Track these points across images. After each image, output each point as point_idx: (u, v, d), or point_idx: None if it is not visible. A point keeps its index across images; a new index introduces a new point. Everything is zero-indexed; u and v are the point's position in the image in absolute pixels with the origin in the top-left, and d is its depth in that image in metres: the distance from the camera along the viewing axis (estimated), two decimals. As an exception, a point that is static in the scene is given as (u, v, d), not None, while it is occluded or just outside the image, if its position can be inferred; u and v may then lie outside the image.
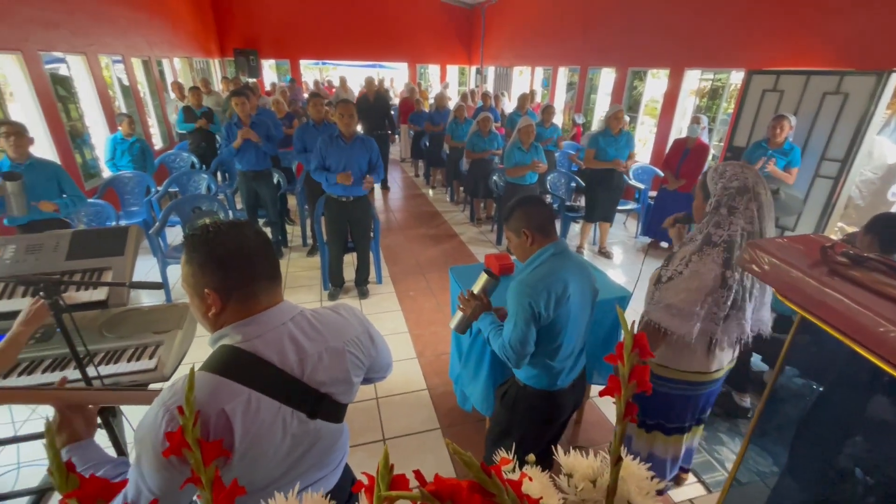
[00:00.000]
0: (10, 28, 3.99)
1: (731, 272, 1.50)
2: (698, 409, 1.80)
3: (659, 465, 1.85)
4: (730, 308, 1.51)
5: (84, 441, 0.96)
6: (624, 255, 5.12)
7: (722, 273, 1.50)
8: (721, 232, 1.51)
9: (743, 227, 1.49)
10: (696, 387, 1.70)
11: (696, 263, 1.53)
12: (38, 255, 1.66)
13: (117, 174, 4.79)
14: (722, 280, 1.50)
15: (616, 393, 0.69)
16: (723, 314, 1.51)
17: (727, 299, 1.50)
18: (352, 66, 13.62)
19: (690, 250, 1.56)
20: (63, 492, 0.55)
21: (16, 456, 2.10)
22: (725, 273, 1.50)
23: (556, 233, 1.58)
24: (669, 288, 1.57)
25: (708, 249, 1.52)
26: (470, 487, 0.53)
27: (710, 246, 1.52)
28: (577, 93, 8.11)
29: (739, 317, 1.53)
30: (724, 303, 1.50)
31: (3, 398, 1.01)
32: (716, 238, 1.52)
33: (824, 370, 1.35)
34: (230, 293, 0.87)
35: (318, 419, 0.95)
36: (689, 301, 1.52)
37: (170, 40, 7.88)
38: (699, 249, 1.54)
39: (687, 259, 1.55)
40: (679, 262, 1.58)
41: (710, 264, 1.51)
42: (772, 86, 4.52)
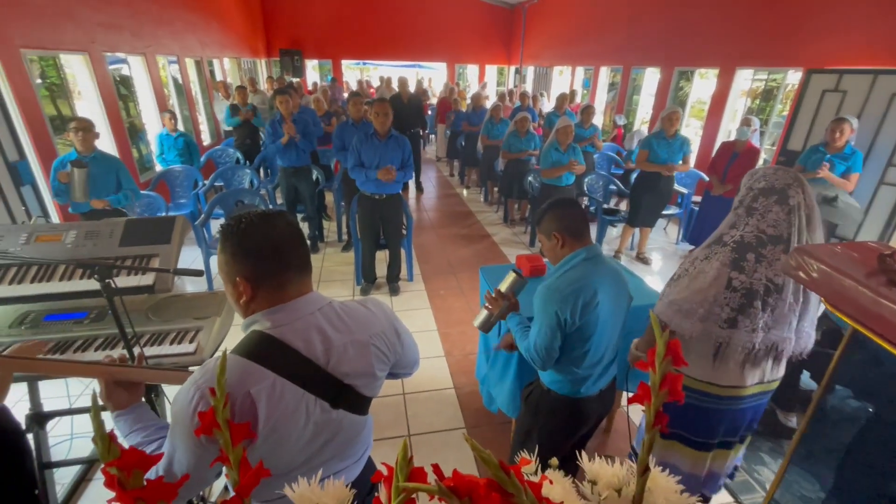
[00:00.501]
0: (78, 30, 4.31)
1: (739, 274, 1.42)
2: (721, 426, 1.64)
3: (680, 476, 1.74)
4: (737, 313, 1.43)
5: (129, 407, 1.03)
6: (663, 261, 4.93)
7: (728, 274, 1.42)
8: (734, 232, 1.44)
9: (762, 229, 1.40)
10: (714, 400, 1.58)
11: (703, 262, 1.48)
12: (95, 240, 1.78)
13: (168, 168, 5.08)
14: (727, 281, 1.42)
15: (646, 401, 0.67)
16: (725, 317, 1.43)
17: (732, 302, 1.42)
18: (392, 66, 13.82)
19: (699, 250, 1.52)
20: (105, 460, 0.58)
21: (70, 427, 2.26)
22: (731, 274, 1.42)
23: (589, 237, 1.53)
24: (676, 285, 1.53)
25: (716, 248, 1.46)
26: (488, 485, 0.53)
27: (719, 245, 1.46)
28: (618, 93, 7.88)
29: (748, 325, 1.43)
30: (727, 305, 1.43)
31: (58, 370, 1.09)
32: (727, 238, 1.45)
33: (878, 389, 1.25)
34: (260, 282, 0.90)
35: (341, 409, 0.96)
36: (690, 298, 1.47)
37: (220, 41, 8.27)
38: (708, 248, 1.49)
39: (695, 258, 1.51)
40: (690, 261, 1.53)
41: (715, 263, 1.45)
42: (833, 86, 4.23)
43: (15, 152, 3.46)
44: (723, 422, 1.61)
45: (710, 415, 1.61)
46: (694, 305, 1.46)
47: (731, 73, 5.42)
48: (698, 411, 1.61)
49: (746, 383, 1.54)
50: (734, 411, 1.59)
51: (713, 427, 1.63)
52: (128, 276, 1.72)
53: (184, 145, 5.23)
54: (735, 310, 1.43)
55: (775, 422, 2.51)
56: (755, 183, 1.45)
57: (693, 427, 1.65)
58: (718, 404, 1.58)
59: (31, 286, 1.67)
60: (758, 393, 1.59)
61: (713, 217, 4.57)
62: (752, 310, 1.42)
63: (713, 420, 1.61)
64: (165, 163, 5.22)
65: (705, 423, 1.63)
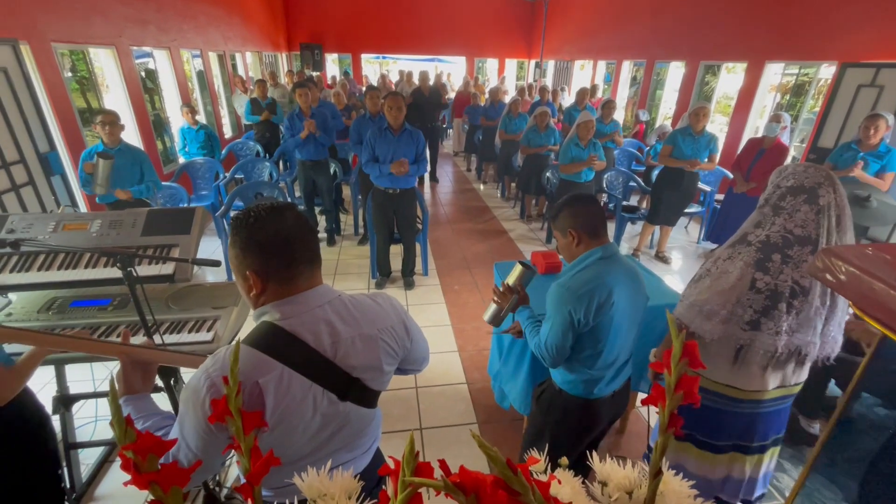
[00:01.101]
0: (107, 25, 4.42)
1: (763, 275, 1.37)
2: (738, 430, 1.61)
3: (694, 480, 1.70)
4: (760, 315, 1.38)
5: (138, 394, 1.05)
6: (683, 260, 4.82)
7: (752, 274, 1.38)
8: (759, 231, 1.39)
9: (789, 229, 1.35)
10: (733, 403, 1.54)
11: (726, 262, 1.44)
12: (118, 229, 1.83)
13: (191, 160, 5.19)
14: (751, 282, 1.38)
15: (660, 402, 0.65)
16: (748, 319, 1.39)
17: (755, 304, 1.38)
18: (411, 61, 13.81)
19: (723, 249, 1.47)
20: (121, 444, 0.60)
21: (94, 410, 2.34)
22: (755, 275, 1.37)
23: (606, 235, 1.49)
24: (697, 286, 1.49)
25: (740, 248, 1.42)
26: (495, 483, 0.52)
27: (744, 245, 1.41)
28: (640, 88, 7.71)
29: (771, 327, 1.39)
30: (750, 306, 1.38)
31: (76, 346, 1.12)
32: (751, 237, 1.40)
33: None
34: (270, 275, 0.90)
35: (349, 402, 0.97)
36: (711, 300, 1.43)
37: (243, 35, 8.38)
38: (731, 248, 1.44)
39: (719, 257, 1.47)
40: (713, 260, 1.49)
41: (739, 263, 1.40)
42: (869, 80, 4.05)
43: (46, 143, 3.58)
44: (741, 425, 1.57)
45: (729, 417, 1.57)
46: (716, 307, 1.42)
47: (760, 68, 5.24)
48: (717, 414, 1.58)
49: (768, 387, 1.50)
50: (753, 415, 1.55)
51: (730, 430, 1.59)
52: (149, 265, 1.77)
53: (205, 138, 5.34)
54: (758, 312, 1.39)
55: (798, 429, 2.44)
56: (783, 181, 1.40)
57: (710, 430, 1.61)
58: (737, 407, 1.54)
59: (58, 273, 1.72)
60: (779, 397, 1.54)
61: (735, 215, 4.44)
62: (776, 312, 1.37)
63: (731, 423, 1.57)
64: (188, 155, 5.33)
65: (723, 425, 1.59)
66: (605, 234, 1.48)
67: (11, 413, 1.36)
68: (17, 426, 1.42)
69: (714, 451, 1.64)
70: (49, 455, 1.55)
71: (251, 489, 0.65)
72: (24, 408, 1.45)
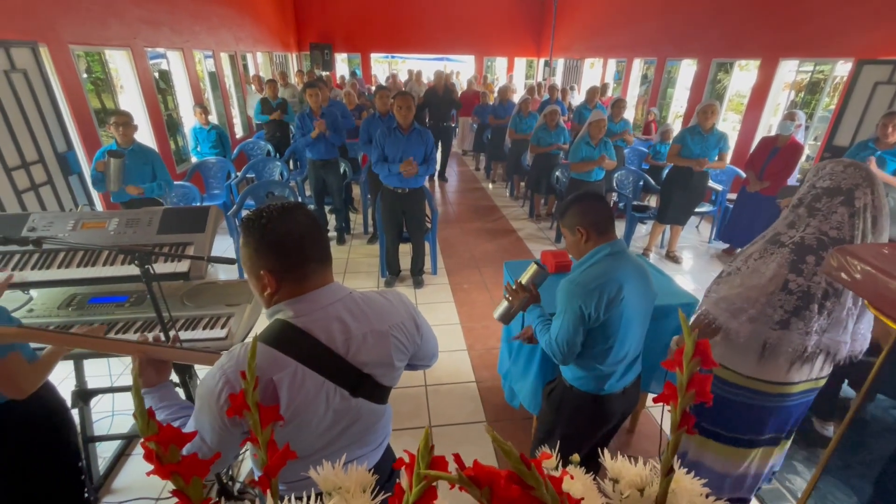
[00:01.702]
0: (122, 26, 4.50)
1: (797, 277, 1.36)
2: (764, 424, 1.61)
3: (710, 477, 1.71)
4: (791, 315, 1.38)
5: (155, 387, 1.08)
6: (694, 260, 4.78)
7: (784, 276, 1.37)
8: (792, 233, 1.37)
9: (824, 231, 1.34)
10: (758, 396, 1.54)
11: (757, 262, 1.43)
12: (135, 228, 1.87)
13: (203, 160, 5.26)
14: (783, 283, 1.37)
15: (672, 401, 0.65)
16: (778, 318, 1.39)
17: (786, 304, 1.38)
18: (420, 60, 13.82)
19: (755, 248, 1.46)
20: (144, 435, 0.61)
21: (111, 404, 2.39)
22: (788, 276, 1.37)
23: (614, 232, 1.50)
24: (726, 282, 1.48)
25: (772, 249, 1.40)
26: (509, 477, 0.53)
27: (776, 245, 1.40)
28: (651, 86, 7.64)
29: (801, 328, 1.38)
30: (780, 307, 1.38)
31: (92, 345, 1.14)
32: (784, 238, 1.39)
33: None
34: (284, 274, 0.92)
35: (360, 398, 0.98)
36: (741, 297, 1.42)
37: (254, 36, 8.46)
38: (763, 248, 1.43)
39: (750, 256, 1.46)
40: (743, 259, 1.48)
41: (772, 265, 1.39)
42: (886, 77, 3.98)
43: (64, 143, 3.66)
44: (771, 418, 1.58)
45: (755, 412, 1.57)
46: (745, 305, 1.42)
47: (774, 65, 5.16)
48: (742, 408, 1.58)
49: (795, 380, 1.50)
50: (782, 408, 1.56)
51: (761, 424, 1.59)
52: (165, 263, 1.80)
53: (216, 138, 5.40)
54: (789, 312, 1.38)
55: (811, 430, 2.41)
56: (819, 181, 1.37)
57: (734, 425, 1.62)
58: (765, 401, 1.54)
59: (77, 270, 1.77)
60: (806, 390, 1.55)
61: (748, 215, 4.39)
62: (808, 313, 1.37)
63: (761, 416, 1.58)
64: (200, 155, 5.40)
65: (753, 419, 1.59)
66: (612, 231, 1.49)
67: (34, 406, 1.40)
68: (40, 419, 1.46)
69: (747, 447, 1.64)
70: (70, 447, 1.59)
71: (268, 481, 0.67)
72: (47, 401, 1.49)
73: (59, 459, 1.55)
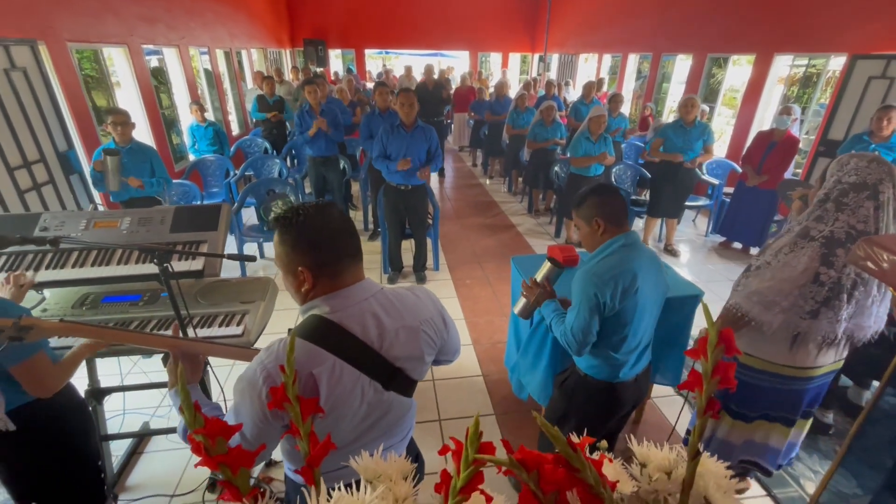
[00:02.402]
0: (119, 24, 4.45)
1: (828, 269, 1.43)
2: (797, 405, 1.70)
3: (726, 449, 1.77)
4: (821, 305, 1.45)
5: (188, 385, 1.09)
6: (691, 253, 4.85)
7: (816, 269, 1.43)
8: (822, 227, 1.43)
9: (852, 225, 1.40)
10: (784, 380, 1.63)
11: (788, 255, 1.48)
12: (148, 227, 1.88)
13: (201, 158, 5.23)
14: (814, 276, 1.44)
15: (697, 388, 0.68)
16: (809, 309, 1.46)
17: (817, 295, 1.45)
18: (414, 56, 13.76)
19: (784, 242, 1.51)
20: (192, 428, 0.64)
21: (122, 403, 2.40)
22: (819, 269, 1.43)
23: (627, 224, 1.54)
24: (757, 276, 1.54)
25: (802, 243, 1.46)
26: (556, 460, 0.56)
27: (806, 240, 1.46)
28: (646, 81, 7.69)
29: (830, 316, 1.46)
30: (812, 298, 1.45)
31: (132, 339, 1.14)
32: (814, 233, 1.44)
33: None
34: (320, 270, 0.95)
35: (392, 391, 1.01)
36: (773, 290, 1.48)
37: (248, 32, 8.39)
38: (793, 242, 1.48)
39: (780, 250, 1.51)
40: (772, 252, 1.53)
41: (803, 258, 1.45)
42: (880, 72, 4.05)
43: (64, 142, 3.63)
44: (791, 400, 1.68)
45: (788, 394, 1.66)
46: (778, 297, 1.48)
47: (769, 60, 5.22)
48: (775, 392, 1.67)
49: (820, 364, 1.59)
50: (803, 390, 1.66)
51: (794, 405, 1.68)
52: (179, 261, 1.81)
53: (214, 135, 5.37)
54: (819, 302, 1.45)
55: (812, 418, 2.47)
56: (846, 176, 1.43)
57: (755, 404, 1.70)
58: (791, 385, 1.63)
59: (92, 269, 1.77)
60: (829, 372, 1.65)
61: (746, 208, 4.46)
62: (837, 302, 1.44)
63: (792, 398, 1.67)
64: (198, 153, 5.37)
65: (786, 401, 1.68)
66: (626, 223, 1.53)
67: (58, 405, 1.42)
68: (63, 417, 1.47)
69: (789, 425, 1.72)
70: (91, 445, 1.61)
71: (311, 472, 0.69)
72: (68, 400, 1.50)
73: (82, 457, 1.57)
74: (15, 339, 0.96)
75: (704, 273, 4.30)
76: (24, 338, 0.97)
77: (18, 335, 0.96)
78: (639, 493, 0.77)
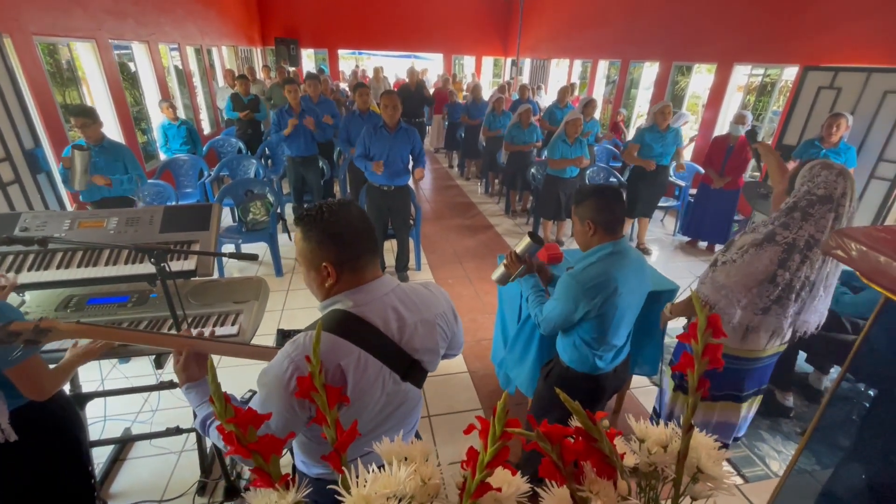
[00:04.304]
0: (86, 17, 4.28)
1: (784, 272, 1.58)
2: (743, 383, 1.89)
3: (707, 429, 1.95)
4: (772, 303, 1.62)
5: (197, 381, 1.10)
6: (660, 251, 5.09)
7: (774, 270, 1.59)
8: (787, 234, 1.58)
9: (812, 234, 1.56)
10: (737, 361, 1.82)
11: (752, 256, 1.62)
12: (136, 227, 1.85)
13: (173, 157, 5.08)
14: (772, 276, 1.59)
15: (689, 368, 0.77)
16: (762, 306, 1.63)
17: (771, 294, 1.61)
18: (387, 57, 13.74)
19: (750, 241, 1.64)
20: (222, 419, 0.67)
21: (103, 409, 2.33)
22: (777, 271, 1.58)
23: (621, 232, 1.61)
24: (723, 271, 1.68)
25: (767, 246, 1.60)
26: (576, 431, 0.64)
27: (771, 244, 1.60)
28: (616, 87, 7.98)
29: (779, 313, 1.64)
30: (766, 296, 1.62)
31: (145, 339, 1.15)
32: (779, 238, 1.59)
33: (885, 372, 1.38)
34: (343, 266, 0.99)
35: (408, 382, 1.07)
36: (738, 286, 1.63)
37: (219, 29, 8.18)
38: (759, 244, 1.61)
39: (745, 249, 1.64)
40: (737, 250, 1.67)
41: (765, 260, 1.59)
42: (828, 83, 4.38)
43: (31, 140, 3.47)
44: (749, 378, 1.88)
45: (732, 374, 1.86)
46: (739, 295, 1.64)
47: (729, 69, 5.55)
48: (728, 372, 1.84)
49: (766, 348, 1.79)
50: (752, 370, 1.86)
51: (741, 382, 1.89)
52: (172, 261, 1.79)
53: (186, 133, 5.23)
54: (772, 300, 1.62)
55: (773, 401, 2.67)
56: (816, 188, 1.55)
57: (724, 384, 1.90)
58: (741, 364, 1.83)
59: (79, 270, 1.73)
60: (773, 353, 1.85)
61: (708, 209, 4.73)
62: (787, 301, 1.62)
63: (732, 378, 1.87)
64: (171, 152, 5.22)
65: (725, 379, 1.87)
66: (619, 231, 1.60)
67: (50, 408, 1.39)
68: (56, 421, 1.44)
69: (712, 401, 1.94)
70: (83, 449, 1.58)
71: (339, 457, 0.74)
72: (60, 404, 1.47)
73: (73, 461, 1.54)
74: (31, 342, 0.95)
75: (673, 269, 4.53)
76: (41, 340, 0.97)
77: (36, 338, 0.95)
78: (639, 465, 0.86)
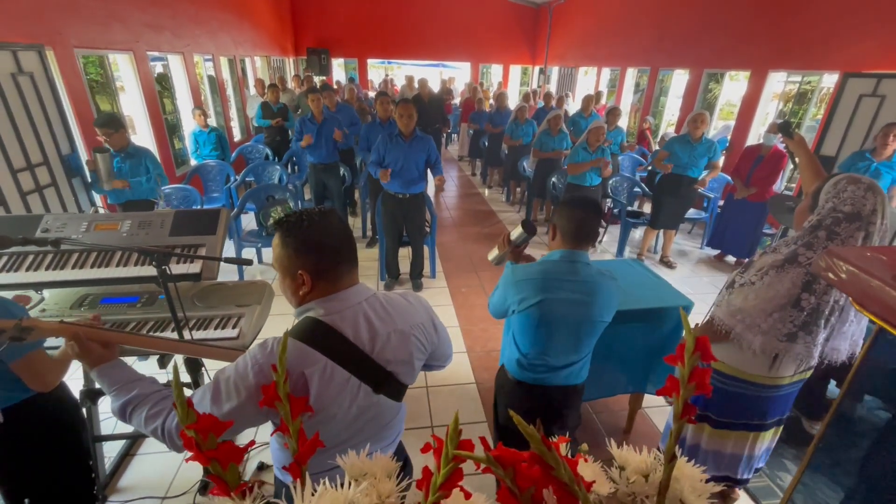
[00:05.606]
0: (125, 31, 4.53)
1: (809, 295, 1.45)
2: (761, 411, 1.73)
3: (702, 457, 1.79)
4: (798, 329, 1.47)
5: (110, 363, 1.02)
6: (686, 265, 4.88)
7: (798, 294, 1.45)
8: (810, 254, 1.44)
9: None
10: (756, 388, 1.66)
11: (773, 277, 1.49)
12: (147, 230, 1.91)
13: (202, 162, 5.29)
14: (796, 300, 1.46)
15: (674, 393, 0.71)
16: (786, 332, 1.48)
17: (796, 319, 1.47)
18: (416, 66, 13.93)
19: (770, 262, 1.52)
20: (184, 424, 0.66)
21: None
22: (801, 294, 1.45)
23: (582, 244, 1.49)
24: (740, 294, 1.55)
25: (789, 268, 1.47)
26: (531, 458, 0.59)
27: (794, 265, 1.46)
28: (644, 95, 7.79)
29: (808, 341, 1.48)
30: (790, 321, 1.47)
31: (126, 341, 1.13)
32: (802, 259, 1.45)
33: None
34: (319, 275, 0.98)
35: (382, 394, 1.04)
36: (756, 310, 1.49)
37: (252, 40, 8.50)
38: (780, 265, 1.48)
39: (765, 270, 1.51)
40: (756, 271, 1.54)
41: (787, 283, 1.47)
42: (871, 90, 4.12)
43: (68, 145, 3.68)
44: (761, 407, 1.71)
45: (752, 401, 1.69)
46: (758, 319, 1.49)
47: (764, 76, 5.32)
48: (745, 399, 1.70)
49: (790, 375, 1.63)
50: (772, 398, 1.69)
51: (750, 411, 1.72)
52: (178, 264, 1.84)
53: (216, 140, 5.44)
54: (798, 326, 1.47)
55: (800, 430, 2.50)
56: (841, 205, 1.40)
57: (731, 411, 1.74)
58: (762, 392, 1.67)
59: (91, 271, 1.80)
60: (796, 381, 1.69)
61: (735, 222, 4.51)
62: (815, 328, 1.46)
63: (753, 405, 1.70)
64: (201, 158, 5.43)
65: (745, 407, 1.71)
66: (581, 243, 1.49)
67: (51, 403, 1.44)
68: (57, 416, 1.49)
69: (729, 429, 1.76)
70: (82, 445, 1.63)
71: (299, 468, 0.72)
72: (62, 399, 1.53)
73: (73, 456, 1.58)
74: (16, 339, 0.99)
75: (699, 284, 4.34)
76: (24, 338, 1.00)
77: (20, 335, 0.99)
78: (616, 494, 0.80)
